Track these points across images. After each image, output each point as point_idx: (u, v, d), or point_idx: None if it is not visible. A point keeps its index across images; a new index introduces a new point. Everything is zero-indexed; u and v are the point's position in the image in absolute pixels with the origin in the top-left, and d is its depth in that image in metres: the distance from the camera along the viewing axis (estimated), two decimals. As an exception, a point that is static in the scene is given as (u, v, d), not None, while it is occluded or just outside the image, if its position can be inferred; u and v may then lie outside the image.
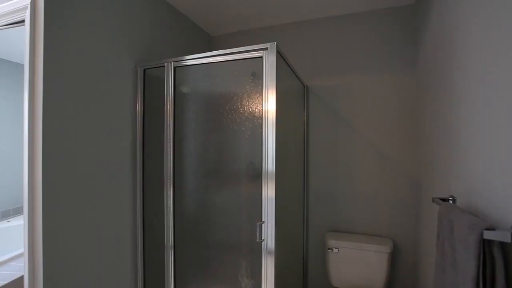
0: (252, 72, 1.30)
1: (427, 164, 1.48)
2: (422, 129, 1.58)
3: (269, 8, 1.87)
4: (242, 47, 1.25)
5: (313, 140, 1.99)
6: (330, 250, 1.71)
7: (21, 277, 1.41)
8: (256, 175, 1.27)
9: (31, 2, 1.05)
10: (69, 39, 1.13)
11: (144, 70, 1.45)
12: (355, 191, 1.86)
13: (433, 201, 1.01)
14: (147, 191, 1.46)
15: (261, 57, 1.22)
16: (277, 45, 1.19)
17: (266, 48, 1.20)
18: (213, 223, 1.38)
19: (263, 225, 1.18)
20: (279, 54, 1.24)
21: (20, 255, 1.70)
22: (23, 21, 1.08)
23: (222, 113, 1.31)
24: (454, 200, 0.96)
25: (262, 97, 1.21)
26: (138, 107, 1.46)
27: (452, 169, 1.07)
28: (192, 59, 1.34)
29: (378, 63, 1.82)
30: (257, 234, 1.17)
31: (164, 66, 1.37)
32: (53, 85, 1.07)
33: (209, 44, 2.28)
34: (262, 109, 1.21)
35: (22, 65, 1.08)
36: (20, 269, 1.54)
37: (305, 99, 1.99)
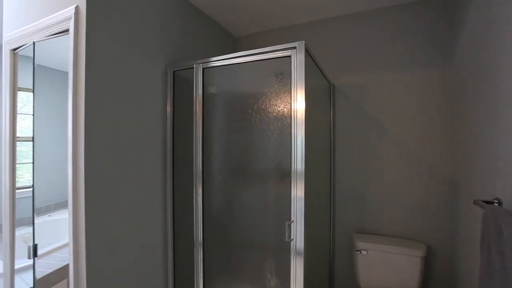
0: (279, 72, 1.30)
1: (465, 164, 1.39)
2: (459, 126, 1.49)
3: (293, 7, 1.86)
4: (269, 47, 1.25)
5: (339, 140, 1.94)
6: (359, 252, 1.67)
7: (66, 265, 1.52)
8: (284, 175, 1.27)
9: (74, 13, 1.12)
10: (107, 45, 1.19)
11: (174, 72, 1.50)
12: (384, 191, 1.79)
13: (474, 204, 0.96)
14: (177, 189, 1.51)
15: (289, 56, 1.22)
16: (305, 44, 1.18)
17: (295, 47, 1.19)
18: (241, 222, 1.39)
19: (291, 224, 1.18)
20: (307, 53, 1.23)
21: (62, 246, 1.82)
22: (67, 30, 1.16)
23: (250, 113, 1.32)
24: (500, 203, 0.90)
25: (290, 96, 1.21)
26: (168, 107, 1.51)
27: (498, 170, 1.00)
28: (220, 60, 1.37)
29: (409, 57, 1.74)
30: (286, 233, 1.17)
31: (193, 67, 1.41)
32: (93, 89, 1.14)
33: (234, 45, 2.31)
34: (291, 109, 1.21)
35: (59, 71, 1.15)
36: (61, 259, 1.65)
37: (331, 98, 1.96)
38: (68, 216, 1.15)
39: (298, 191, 1.16)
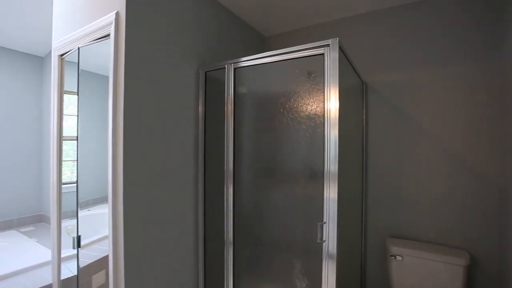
0: (311, 70, 1.28)
1: (517, 167, 1.27)
2: (509, 125, 1.36)
3: (324, 4, 1.81)
4: (301, 45, 1.23)
5: (372, 140, 1.87)
6: (393, 257, 1.59)
7: (106, 256, 1.61)
8: (315, 175, 1.25)
9: (115, 18, 1.18)
10: (144, 48, 1.25)
11: (206, 72, 1.53)
12: (423, 195, 1.69)
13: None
14: (208, 187, 1.54)
15: (322, 54, 1.19)
16: (339, 41, 1.15)
17: (328, 45, 1.16)
18: (270, 221, 1.39)
19: (324, 225, 1.15)
20: (341, 50, 1.20)
21: (101, 239, 1.94)
22: (108, 35, 1.23)
23: (282, 112, 1.31)
24: None
25: (323, 95, 1.18)
26: (200, 107, 1.54)
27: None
28: (251, 60, 1.37)
29: (452, 52, 1.62)
30: (318, 234, 1.15)
31: (224, 68, 1.42)
32: (131, 90, 1.19)
33: (263, 44, 2.31)
34: (323, 108, 1.18)
35: (97, 74, 1.22)
36: (100, 251, 1.75)
37: (364, 96, 1.88)
38: (108, 210, 1.22)
39: (331, 192, 1.13)
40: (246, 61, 1.39)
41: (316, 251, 1.18)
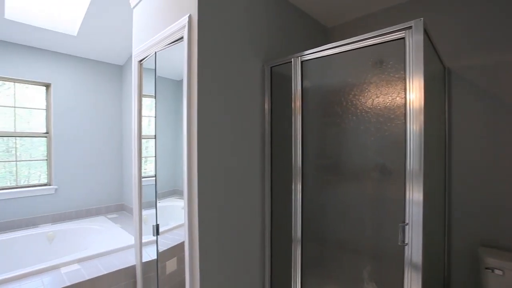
0: (384, 59, 1.16)
1: None
2: None
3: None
4: (377, 31, 1.13)
5: (457, 134, 1.62)
6: (490, 270, 1.36)
7: (177, 245, 1.75)
8: (393, 172, 1.14)
9: (188, 21, 1.25)
10: (215, 47, 1.29)
11: (271, 68, 1.52)
12: (528, 200, 1.40)
13: None
14: (274, 184, 1.53)
15: (403, 38, 1.07)
16: (424, 22, 1.01)
17: (410, 27, 1.04)
18: (342, 220, 1.32)
19: (406, 227, 1.04)
20: (425, 33, 1.05)
21: (171, 228, 2.11)
22: (181, 38, 1.30)
23: (355, 105, 1.23)
24: None
25: (404, 85, 1.06)
26: (266, 104, 1.54)
27: None
28: (319, 51, 1.31)
29: None
30: (399, 236, 1.04)
31: (291, 62, 1.39)
32: (203, 90, 1.25)
33: (326, 36, 2.20)
34: (405, 99, 1.06)
35: (168, 79, 1.29)
36: (172, 240, 1.90)
37: (446, 84, 1.64)
38: (184, 202, 1.31)
39: (414, 192, 1.01)
40: (313, 53, 1.33)
41: (393, 255, 1.08)
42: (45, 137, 2.83)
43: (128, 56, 3.13)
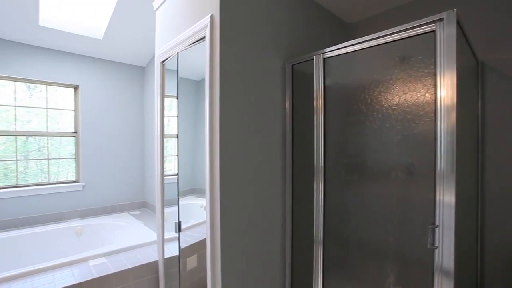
0: (410, 54, 1.11)
1: None
2: None
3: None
4: (403, 25, 1.08)
5: (491, 133, 1.52)
6: (528, 279, 1.26)
7: (197, 242, 1.77)
8: (418, 173, 1.09)
9: (210, 21, 1.26)
10: (236, 46, 1.30)
11: (292, 66, 1.50)
12: None
13: None
14: (296, 183, 1.52)
15: (433, 31, 1.01)
16: (457, 13, 0.96)
17: (441, 19, 0.99)
18: (365, 221, 1.28)
19: (436, 229, 0.99)
20: (458, 25, 1.00)
21: (191, 226, 2.15)
22: (203, 37, 1.32)
23: (381, 103, 1.18)
24: None
25: (435, 81, 1.01)
26: (287, 102, 1.53)
27: None
28: (341, 48, 1.28)
29: None
30: (429, 238, 0.99)
31: (313, 59, 1.37)
32: (225, 89, 1.26)
33: (347, 32, 2.15)
34: (435, 96, 1.01)
35: (187, 79, 1.30)
36: (192, 237, 1.93)
37: (480, 80, 1.55)
38: (206, 200, 1.32)
39: (445, 193, 0.97)
40: (336, 50, 1.30)
41: (421, 259, 1.03)
42: (74, 136, 2.98)
43: (150, 58, 3.22)
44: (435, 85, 1.01)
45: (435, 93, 1.01)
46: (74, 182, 2.95)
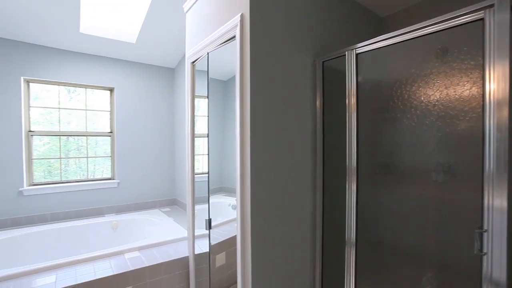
0: (452, 46, 1.04)
1: None
2: None
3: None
4: (445, 15, 1.01)
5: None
6: None
7: (231, 237, 1.79)
8: (463, 174, 1.02)
9: (240, 20, 1.27)
10: (266, 45, 1.29)
11: (323, 63, 1.47)
12: None
13: None
14: (326, 183, 1.48)
15: (482, 19, 0.94)
16: (510, -2, 0.88)
17: (492, 5, 0.91)
18: (401, 223, 1.21)
19: (484, 234, 0.91)
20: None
21: (220, 224, 2.18)
22: (233, 37, 1.33)
23: (420, 98, 1.12)
24: None
25: (482, 73, 0.94)
26: (318, 100, 1.50)
27: None
28: (375, 43, 1.22)
29: None
30: (475, 244, 0.92)
31: (344, 55, 1.32)
32: (256, 87, 1.25)
33: (379, 26, 2.06)
34: (483, 90, 0.93)
35: (216, 79, 1.30)
36: (220, 234, 1.96)
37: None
38: (236, 198, 1.33)
39: (495, 195, 0.89)
40: (369, 45, 1.25)
41: (465, 265, 0.96)
42: (109, 136, 3.16)
43: (180, 59, 3.32)
44: (483, 78, 0.93)
45: (483, 87, 0.93)
46: (110, 179, 3.13)
